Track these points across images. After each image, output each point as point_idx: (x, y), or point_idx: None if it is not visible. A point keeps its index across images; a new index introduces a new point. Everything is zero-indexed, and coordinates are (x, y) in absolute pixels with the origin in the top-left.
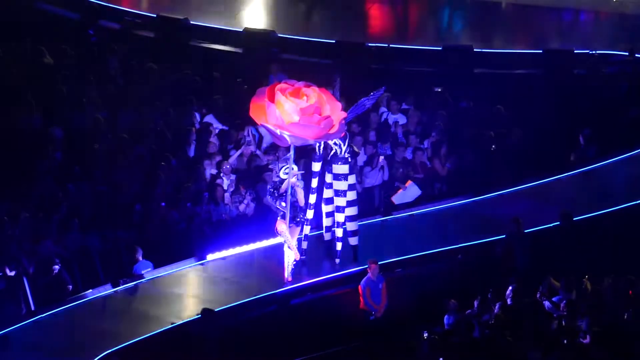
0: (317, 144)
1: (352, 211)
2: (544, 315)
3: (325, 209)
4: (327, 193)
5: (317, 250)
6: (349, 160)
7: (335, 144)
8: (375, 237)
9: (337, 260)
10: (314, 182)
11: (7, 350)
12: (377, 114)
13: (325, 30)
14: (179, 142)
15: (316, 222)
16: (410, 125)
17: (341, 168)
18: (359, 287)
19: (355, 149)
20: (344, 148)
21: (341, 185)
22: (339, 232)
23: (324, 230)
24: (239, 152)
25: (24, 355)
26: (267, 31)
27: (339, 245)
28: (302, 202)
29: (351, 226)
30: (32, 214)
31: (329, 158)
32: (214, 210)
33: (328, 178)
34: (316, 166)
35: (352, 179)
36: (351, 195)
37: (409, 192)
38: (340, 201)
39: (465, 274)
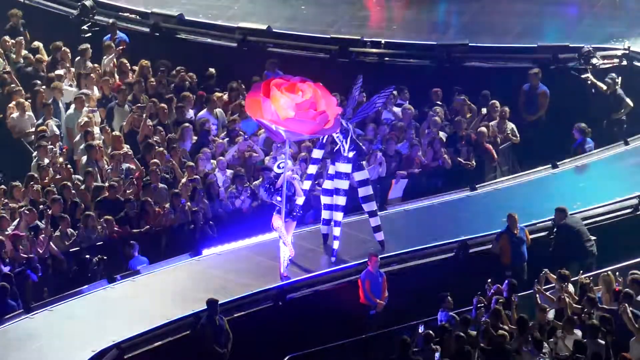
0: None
1: (369, 207)
2: (537, 308)
3: (324, 200)
4: (327, 184)
5: (313, 244)
6: (351, 159)
7: (339, 139)
8: (372, 233)
9: (333, 259)
10: (312, 169)
11: (2, 347)
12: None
13: (321, 24)
14: (174, 138)
15: (314, 216)
16: (405, 119)
17: (343, 167)
18: (359, 279)
19: (362, 146)
20: (346, 147)
21: (342, 184)
22: (336, 231)
23: (321, 223)
24: (235, 147)
25: (20, 351)
26: (263, 26)
27: (335, 244)
28: (301, 194)
29: (373, 222)
30: (28, 210)
31: (333, 151)
32: (210, 206)
33: (331, 170)
34: (316, 153)
35: (361, 175)
36: (363, 192)
37: (400, 184)
38: (340, 200)
39: (460, 268)
